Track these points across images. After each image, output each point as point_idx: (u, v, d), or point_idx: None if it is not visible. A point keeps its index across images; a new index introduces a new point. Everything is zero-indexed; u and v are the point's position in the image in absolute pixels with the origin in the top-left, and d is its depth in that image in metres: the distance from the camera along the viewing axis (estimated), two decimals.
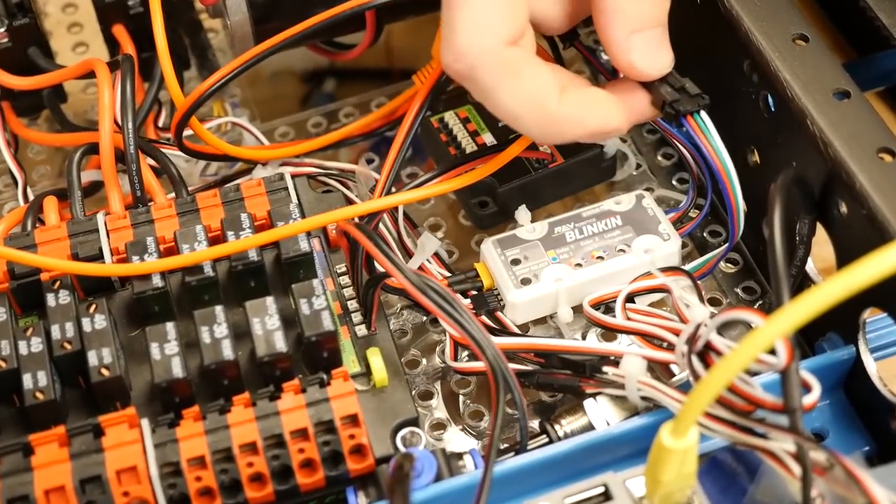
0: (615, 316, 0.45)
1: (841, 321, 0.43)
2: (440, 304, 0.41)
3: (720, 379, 0.34)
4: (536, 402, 0.47)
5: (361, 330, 0.45)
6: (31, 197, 0.52)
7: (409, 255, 0.49)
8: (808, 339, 0.46)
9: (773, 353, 0.36)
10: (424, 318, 0.50)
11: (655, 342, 0.43)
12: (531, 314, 0.47)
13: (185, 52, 0.59)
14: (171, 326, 0.42)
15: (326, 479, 0.40)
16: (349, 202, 0.49)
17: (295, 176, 0.48)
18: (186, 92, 0.54)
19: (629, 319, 0.44)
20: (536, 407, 0.47)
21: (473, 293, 0.47)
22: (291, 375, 0.42)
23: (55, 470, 0.39)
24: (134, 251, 0.44)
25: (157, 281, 0.43)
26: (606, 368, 0.42)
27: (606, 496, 0.38)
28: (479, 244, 0.51)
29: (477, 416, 0.47)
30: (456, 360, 0.46)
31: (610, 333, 0.48)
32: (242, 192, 0.47)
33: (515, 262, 0.47)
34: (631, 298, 0.46)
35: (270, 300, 0.43)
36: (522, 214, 0.49)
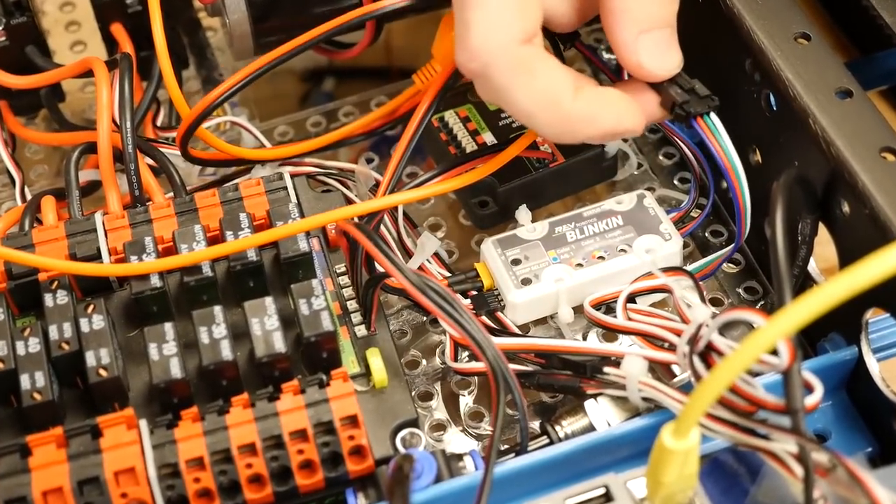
0: (616, 316, 0.45)
1: (843, 321, 0.43)
2: (440, 304, 0.41)
3: (722, 379, 0.34)
4: (537, 402, 0.47)
5: (361, 330, 0.45)
6: (28, 196, 0.52)
7: (408, 255, 0.49)
8: (810, 339, 0.46)
9: (774, 353, 0.36)
10: (424, 318, 0.50)
11: (657, 343, 0.43)
12: (532, 314, 0.47)
13: (183, 50, 0.59)
14: (169, 327, 0.42)
15: (326, 480, 0.40)
16: (349, 202, 0.49)
17: (294, 175, 0.48)
18: (185, 91, 0.55)
19: (630, 320, 0.44)
20: (537, 408, 0.47)
21: (473, 293, 0.47)
22: (290, 376, 0.42)
23: (53, 471, 0.39)
24: (132, 251, 0.44)
25: (155, 281, 0.43)
26: (607, 369, 0.42)
27: (607, 497, 0.38)
28: (479, 244, 0.51)
29: (477, 417, 0.47)
30: (456, 360, 0.46)
31: (611, 334, 0.48)
32: (241, 191, 0.47)
33: (516, 262, 0.47)
34: (632, 299, 0.45)
35: (269, 300, 0.43)
36: (523, 214, 0.49)
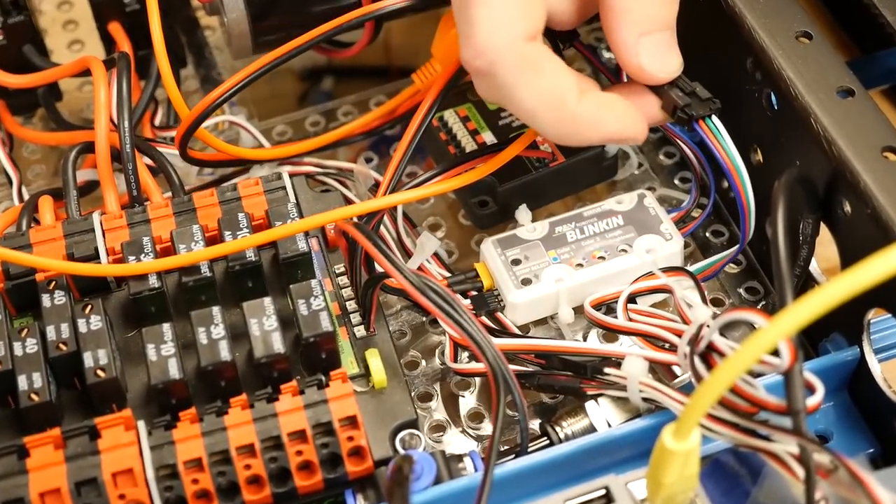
0: (617, 317, 0.45)
1: (845, 322, 0.43)
2: (440, 304, 0.41)
3: (723, 380, 0.34)
4: (537, 403, 0.47)
5: (360, 331, 0.45)
6: (26, 196, 0.52)
7: (408, 255, 0.49)
8: (811, 339, 0.46)
9: (776, 354, 0.36)
10: (424, 318, 0.50)
11: (657, 343, 0.43)
12: (532, 315, 0.47)
13: (181, 49, 0.59)
14: (167, 327, 0.42)
15: (325, 481, 0.40)
16: (348, 202, 0.49)
17: (293, 175, 0.48)
18: (183, 90, 0.54)
19: (631, 320, 0.44)
20: (537, 408, 0.47)
21: (473, 294, 0.47)
22: (289, 377, 0.42)
23: (50, 472, 0.39)
24: (130, 251, 0.44)
25: (153, 281, 0.43)
26: (608, 370, 0.42)
27: (608, 499, 0.38)
28: (479, 244, 0.51)
29: (477, 417, 0.47)
30: (456, 361, 0.46)
31: (611, 334, 0.48)
32: (240, 191, 0.47)
33: (516, 262, 0.47)
34: (632, 299, 0.45)
35: (268, 301, 0.42)
36: (523, 214, 0.49)
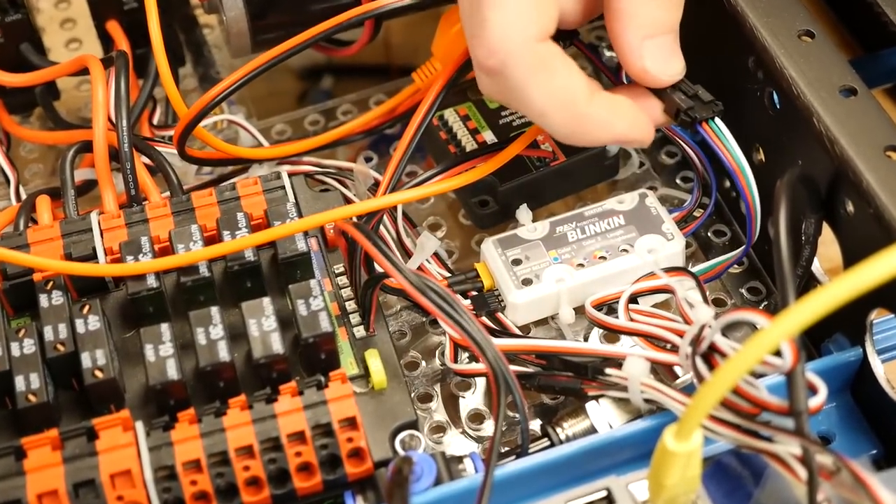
0: (618, 317, 0.45)
1: (847, 322, 0.43)
2: (440, 304, 0.41)
3: (725, 381, 0.34)
4: (538, 404, 0.47)
5: (360, 331, 0.45)
6: (23, 196, 0.52)
7: (408, 255, 0.49)
8: (814, 340, 0.46)
9: (778, 354, 0.36)
10: (424, 319, 0.50)
11: (659, 344, 0.43)
12: (532, 315, 0.47)
13: (180, 48, 0.59)
14: (165, 327, 0.42)
15: (324, 482, 0.40)
16: (347, 201, 0.49)
17: (292, 174, 0.48)
18: (182, 89, 0.54)
19: (632, 320, 0.44)
20: (538, 409, 0.47)
21: (474, 294, 0.47)
22: (288, 377, 0.42)
23: (48, 474, 0.39)
24: (128, 251, 0.44)
25: (151, 281, 0.43)
26: (609, 370, 0.42)
27: (609, 500, 0.38)
28: (479, 244, 0.51)
29: (477, 418, 0.47)
30: (456, 361, 0.46)
31: (612, 335, 0.48)
32: (238, 190, 0.47)
33: (516, 262, 0.47)
34: (634, 299, 0.45)
35: (267, 301, 0.42)
36: (523, 214, 0.49)
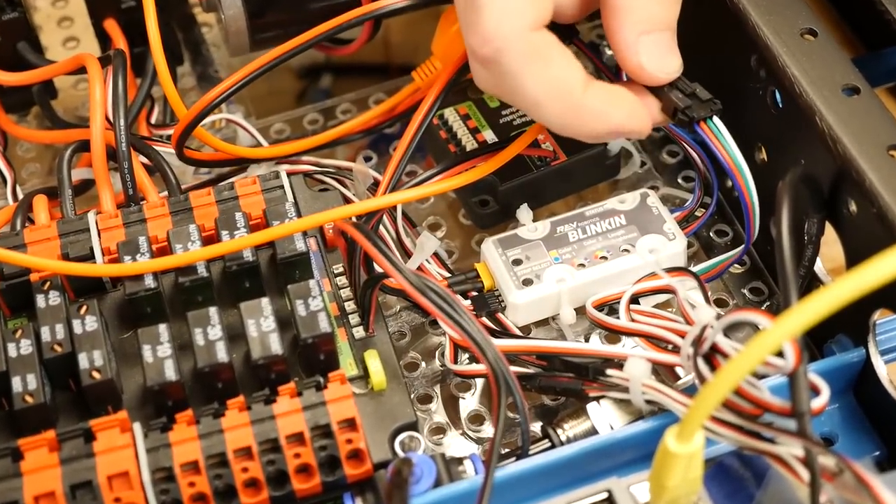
0: (619, 317, 0.45)
1: (850, 323, 0.43)
2: (440, 305, 0.40)
3: (727, 382, 0.34)
4: (538, 405, 0.47)
5: (359, 332, 0.45)
6: (20, 195, 0.52)
7: (407, 255, 0.49)
8: (816, 341, 0.46)
9: (780, 355, 0.36)
10: (424, 319, 0.50)
11: (660, 344, 0.43)
12: (533, 316, 0.47)
13: (178, 46, 0.59)
14: (163, 328, 0.42)
15: (323, 484, 0.40)
16: (346, 201, 0.49)
17: (291, 174, 0.48)
18: (180, 88, 0.54)
19: (633, 321, 0.44)
20: (538, 411, 0.47)
21: (474, 294, 0.47)
22: (287, 378, 0.42)
23: (45, 475, 0.39)
24: (126, 251, 0.44)
25: (149, 282, 0.43)
26: (610, 371, 0.42)
27: (610, 502, 0.38)
28: (479, 244, 0.51)
29: (477, 420, 0.47)
30: (456, 362, 0.46)
31: (614, 335, 0.48)
32: (237, 190, 0.47)
33: (517, 262, 0.47)
34: (635, 299, 0.45)
35: (266, 301, 0.42)
36: (524, 213, 0.49)
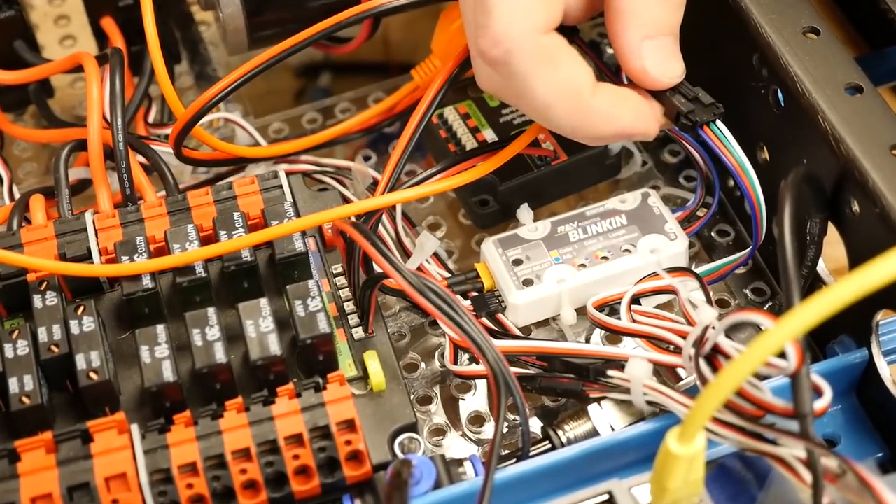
0: (620, 318, 0.44)
1: (853, 323, 0.43)
2: (439, 305, 0.40)
3: (728, 383, 0.34)
4: (539, 406, 0.47)
5: (358, 332, 0.45)
6: (16, 195, 0.52)
7: (407, 255, 0.49)
8: (819, 341, 0.46)
9: (782, 356, 0.36)
10: (423, 320, 0.50)
11: (662, 345, 0.43)
12: (533, 316, 0.47)
13: (175, 45, 0.59)
14: (161, 329, 0.42)
15: (322, 486, 0.40)
16: (345, 200, 0.49)
17: (289, 173, 0.48)
18: (177, 87, 0.54)
19: (634, 322, 0.44)
20: (539, 412, 0.47)
21: (474, 294, 0.47)
22: (286, 379, 0.42)
23: (42, 477, 0.39)
24: (123, 251, 0.44)
25: (147, 282, 0.43)
26: (611, 372, 0.42)
27: None
28: (479, 244, 0.51)
29: (477, 421, 0.47)
30: (456, 363, 0.46)
31: (615, 336, 0.48)
32: (235, 190, 0.47)
33: (517, 262, 0.47)
34: (636, 300, 0.45)
35: (264, 302, 0.42)
36: (524, 213, 0.49)
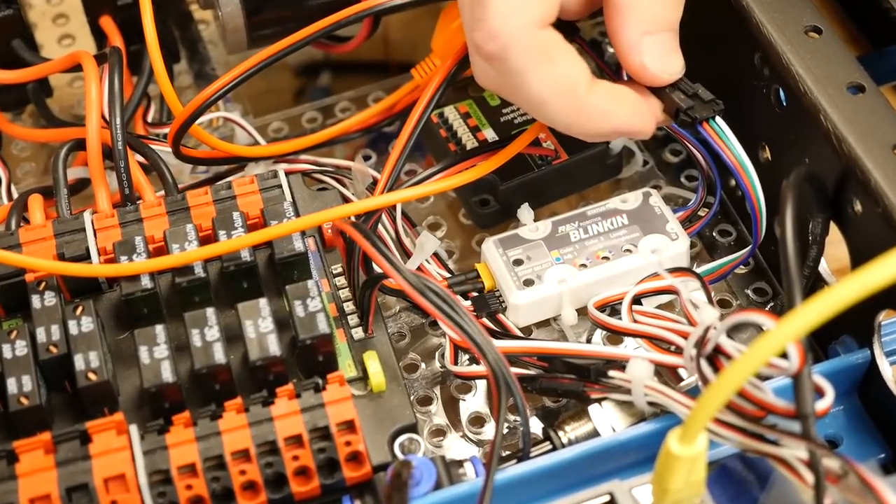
0: (621, 318, 0.44)
1: (855, 323, 0.43)
2: (440, 305, 0.40)
3: (730, 383, 0.33)
4: (539, 407, 0.47)
5: (358, 333, 0.45)
6: (15, 195, 0.52)
7: (407, 255, 0.49)
8: (820, 342, 0.46)
9: (784, 356, 0.36)
10: (423, 320, 0.50)
11: (663, 345, 0.43)
12: (534, 316, 0.47)
13: (174, 44, 0.59)
14: (160, 329, 0.42)
15: (322, 487, 0.40)
16: (345, 200, 0.49)
17: (289, 173, 0.48)
18: (176, 86, 0.54)
19: (636, 322, 0.44)
20: (539, 412, 0.47)
21: (474, 295, 0.47)
22: (285, 380, 0.42)
23: (40, 478, 0.39)
24: (122, 251, 0.44)
25: (146, 282, 0.43)
26: (612, 373, 0.42)
27: None
28: (479, 244, 0.51)
29: (478, 422, 0.47)
30: (456, 363, 0.46)
31: (616, 336, 0.48)
32: (234, 189, 0.47)
33: (518, 262, 0.47)
34: (637, 300, 0.45)
35: (263, 302, 0.42)
36: (525, 213, 0.49)
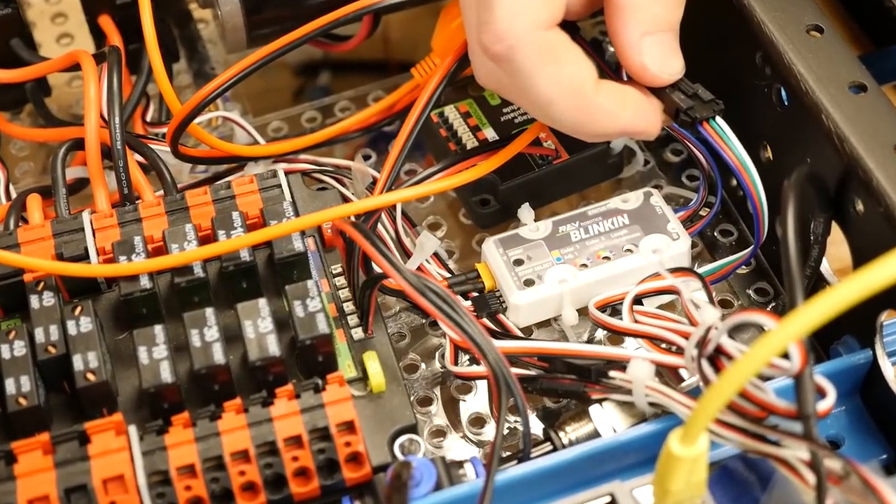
0: (622, 318, 0.44)
1: (857, 324, 0.43)
2: (440, 306, 0.40)
3: (731, 384, 0.33)
4: (540, 407, 0.47)
5: (358, 333, 0.45)
6: (13, 194, 0.52)
7: (407, 255, 0.49)
8: (822, 342, 0.46)
9: (786, 357, 0.36)
10: (423, 320, 0.50)
11: (664, 346, 0.43)
12: (534, 316, 0.47)
13: (173, 43, 0.59)
14: (159, 329, 0.42)
15: (321, 488, 0.40)
16: (345, 200, 0.49)
17: (289, 172, 0.48)
18: (175, 85, 0.54)
19: (636, 322, 0.44)
20: (540, 413, 0.47)
21: (474, 295, 0.47)
22: (285, 380, 0.42)
23: (39, 479, 0.39)
24: (121, 251, 0.44)
25: (145, 282, 0.43)
26: (613, 373, 0.42)
27: None
28: (480, 244, 0.51)
29: (478, 422, 0.47)
30: (456, 364, 0.46)
31: (616, 337, 0.48)
32: (234, 189, 0.47)
33: (518, 262, 0.47)
34: (638, 300, 0.45)
35: (263, 302, 0.42)
36: (525, 213, 0.49)
